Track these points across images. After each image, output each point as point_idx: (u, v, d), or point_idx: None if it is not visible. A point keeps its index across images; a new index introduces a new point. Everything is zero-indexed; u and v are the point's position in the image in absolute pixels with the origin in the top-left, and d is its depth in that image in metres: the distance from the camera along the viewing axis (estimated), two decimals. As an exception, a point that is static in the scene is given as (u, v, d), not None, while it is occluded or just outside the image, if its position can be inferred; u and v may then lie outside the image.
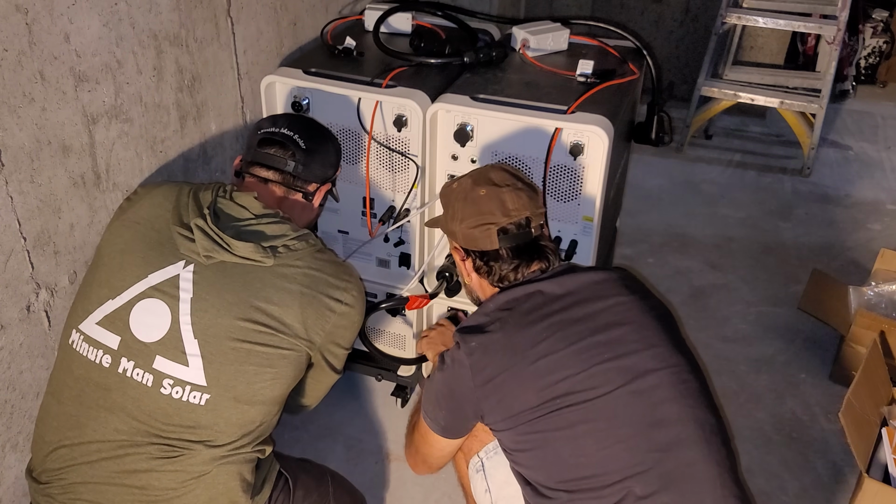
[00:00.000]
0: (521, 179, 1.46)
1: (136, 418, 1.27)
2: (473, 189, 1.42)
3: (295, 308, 1.34)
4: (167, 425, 1.27)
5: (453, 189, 1.47)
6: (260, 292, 1.32)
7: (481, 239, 1.40)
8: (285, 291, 1.34)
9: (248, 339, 1.30)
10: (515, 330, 1.32)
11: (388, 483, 2.03)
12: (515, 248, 1.40)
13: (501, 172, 1.45)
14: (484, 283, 1.46)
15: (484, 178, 1.44)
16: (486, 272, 1.43)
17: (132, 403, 1.27)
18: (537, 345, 1.29)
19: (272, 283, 1.34)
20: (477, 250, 1.42)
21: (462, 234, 1.43)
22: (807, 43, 4.39)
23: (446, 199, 1.49)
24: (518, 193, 1.40)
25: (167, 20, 1.62)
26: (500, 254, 1.40)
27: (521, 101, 1.73)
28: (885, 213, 3.41)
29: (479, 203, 1.40)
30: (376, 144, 1.82)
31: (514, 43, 2.07)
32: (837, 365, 2.39)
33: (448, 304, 2.01)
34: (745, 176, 3.70)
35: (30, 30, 1.29)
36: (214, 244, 1.32)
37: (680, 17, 4.40)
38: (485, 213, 1.39)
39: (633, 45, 2.10)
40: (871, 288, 2.47)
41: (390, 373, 2.17)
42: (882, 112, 4.44)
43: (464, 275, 1.51)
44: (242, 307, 1.30)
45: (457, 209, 1.43)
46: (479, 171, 1.48)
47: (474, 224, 1.40)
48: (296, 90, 1.83)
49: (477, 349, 1.33)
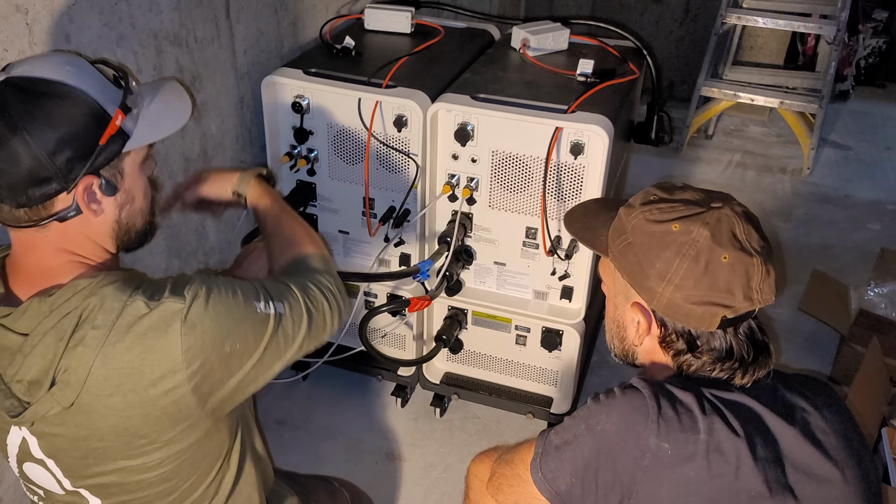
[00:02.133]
0: (768, 240, 1.05)
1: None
2: (712, 249, 0.99)
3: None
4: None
5: (671, 232, 1.01)
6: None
7: (697, 318, 1.01)
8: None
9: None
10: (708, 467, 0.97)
11: (388, 483, 2.03)
12: (738, 346, 1.03)
13: (747, 225, 1.02)
14: (659, 356, 1.08)
15: (727, 231, 1.00)
16: (677, 354, 1.06)
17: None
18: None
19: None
20: (682, 328, 1.04)
21: (669, 301, 1.02)
22: (807, 43, 4.39)
23: (648, 239, 1.03)
24: (769, 268, 1.01)
25: (167, 20, 1.62)
26: (717, 345, 1.03)
27: (522, 101, 1.73)
28: (885, 213, 3.40)
29: (718, 273, 0.99)
30: (376, 144, 1.82)
31: (514, 43, 2.07)
32: (837, 365, 2.39)
33: (448, 304, 2.01)
34: (745, 176, 3.70)
35: (30, 30, 1.29)
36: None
37: (680, 17, 4.40)
38: (720, 291, 0.99)
39: (633, 44, 2.10)
40: (871, 288, 2.47)
41: (390, 373, 2.17)
42: (882, 112, 4.44)
43: (627, 330, 1.11)
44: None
45: (672, 265, 1.00)
46: (714, 214, 1.01)
47: (700, 300, 1.00)
48: (296, 90, 1.83)
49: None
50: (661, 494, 0.97)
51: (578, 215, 1.22)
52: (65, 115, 0.94)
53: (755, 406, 1.01)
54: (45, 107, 0.93)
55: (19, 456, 1.08)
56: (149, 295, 0.98)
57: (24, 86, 0.94)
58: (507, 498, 1.14)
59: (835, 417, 1.05)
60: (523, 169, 1.76)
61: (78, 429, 1.00)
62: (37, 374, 0.97)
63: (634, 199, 1.09)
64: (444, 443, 2.15)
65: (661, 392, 1.00)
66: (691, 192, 1.07)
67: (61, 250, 1.01)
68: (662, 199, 1.06)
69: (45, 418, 0.99)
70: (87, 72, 0.99)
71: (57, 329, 0.95)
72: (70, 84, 0.95)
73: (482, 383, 2.13)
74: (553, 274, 1.88)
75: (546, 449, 1.06)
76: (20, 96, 0.93)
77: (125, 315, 0.96)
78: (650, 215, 1.04)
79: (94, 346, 0.94)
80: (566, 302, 1.91)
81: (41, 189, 0.94)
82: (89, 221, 1.01)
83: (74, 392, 0.96)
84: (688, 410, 0.98)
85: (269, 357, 1.07)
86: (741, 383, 1.03)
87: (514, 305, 1.94)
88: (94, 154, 0.96)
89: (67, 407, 0.96)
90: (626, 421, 0.99)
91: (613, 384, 1.07)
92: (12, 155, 0.92)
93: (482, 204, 1.85)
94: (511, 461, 1.14)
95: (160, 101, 1.08)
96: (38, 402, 0.97)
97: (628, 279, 1.07)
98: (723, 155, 3.90)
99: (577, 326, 1.91)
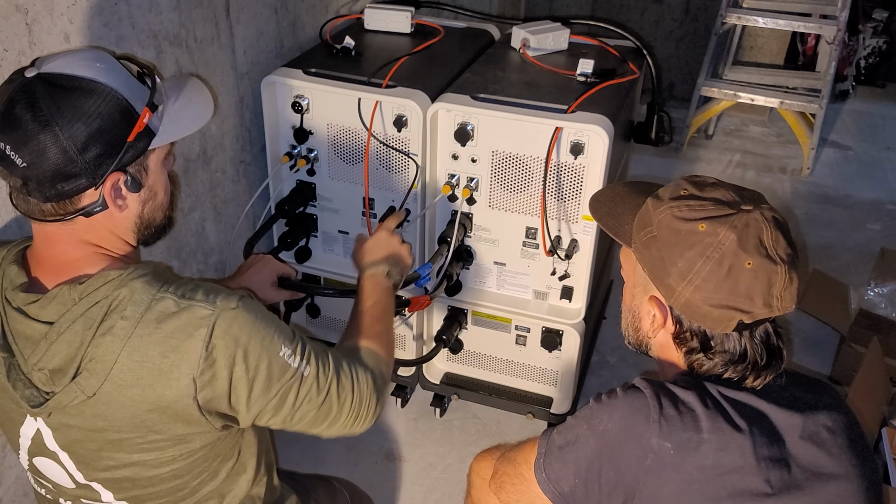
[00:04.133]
0: (795, 247, 1.03)
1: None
2: (737, 254, 0.97)
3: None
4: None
5: (697, 232, 0.99)
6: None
7: (714, 320, 1.00)
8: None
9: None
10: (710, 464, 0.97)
11: (388, 483, 2.03)
12: (752, 350, 1.02)
13: (776, 232, 1.00)
14: (672, 351, 1.08)
15: (754, 237, 0.98)
16: (690, 352, 1.05)
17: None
18: None
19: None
20: (697, 328, 1.03)
21: (687, 300, 1.00)
22: (807, 43, 4.39)
23: (674, 236, 1.01)
24: (792, 277, 0.99)
25: (167, 20, 1.62)
26: (730, 347, 1.02)
27: (522, 101, 1.73)
28: (885, 213, 3.41)
29: (739, 279, 0.97)
30: (376, 144, 1.82)
31: (514, 43, 2.07)
32: (837, 365, 2.39)
33: (448, 304, 2.01)
34: (745, 176, 3.70)
35: (30, 30, 1.29)
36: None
37: (680, 17, 4.41)
38: (740, 296, 0.97)
39: (633, 44, 2.10)
40: (871, 288, 2.47)
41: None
42: (882, 112, 4.44)
43: (642, 321, 1.10)
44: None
45: (695, 266, 0.99)
46: (743, 218, 0.99)
47: (718, 303, 0.99)
48: (296, 90, 1.83)
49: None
50: (665, 494, 0.96)
51: (605, 199, 1.18)
52: (95, 112, 0.95)
53: (761, 405, 1.01)
54: (76, 103, 0.94)
55: (31, 448, 1.08)
56: (179, 294, 0.99)
57: (55, 81, 0.95)
58: (510, 496, 1.13)
59: (840, 417, 1.04)
60: (523, 169, 1.76)
61: (96, 420, 1.01)
62: (61, 362, 0.97)
63: (664, 192, 1.07)
64: (444, 443, 2.15)
65: (663, 391, 1.00)
66: (723, 190, 1.04)
67: (85, 243, 1.03)
68: (693, 196, 1.03)
69: (65, 408, 0.99)
70: (116, 69, 1.01)
71: (86, 317, 0.97)
72: (100, 81, 0.97)
73: (482, 383, 2.13)
74: (553, 274, 1.88)
75: (549, 449, 1.06)
76: (52, 92, 0.94)
77: (153, 309, 0.97)
78: (678, 212, 1.02)
79: (121, 336, 0.96)
80: (566, 302, 1.91)
81: (70, 184, 0.96)
82: (113, 216, 1.02)
83: (99, 381, 0.97)
84: (690, 409, 0.98)
85: (276, 406, 1.06)
86: (751, 385, 1.03)
87: (514, 305, 1.94)
88: (122, 151, 0.98)
89: (90, 396, 0.97)
90: (627, 421, 0.99)
91: (613, 384, 1.08)
92: (42, 149, 0.93)
93: (482, 204, 1.85)
94: (514, 460, 1.13)
95: (184, 99, 1.10)
96: (63, 391, 0.98)
97: (649, 273, 1.05)
98: (723, 155, 3.90)
99: (577, 326, 1.91)
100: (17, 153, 0.93)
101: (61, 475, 1.10)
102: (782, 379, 1.06)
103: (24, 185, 0.96)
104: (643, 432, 0.97)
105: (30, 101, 0.93)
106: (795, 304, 1.01)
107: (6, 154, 0.94)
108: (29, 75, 0.95)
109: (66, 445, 1.06)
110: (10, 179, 0.97)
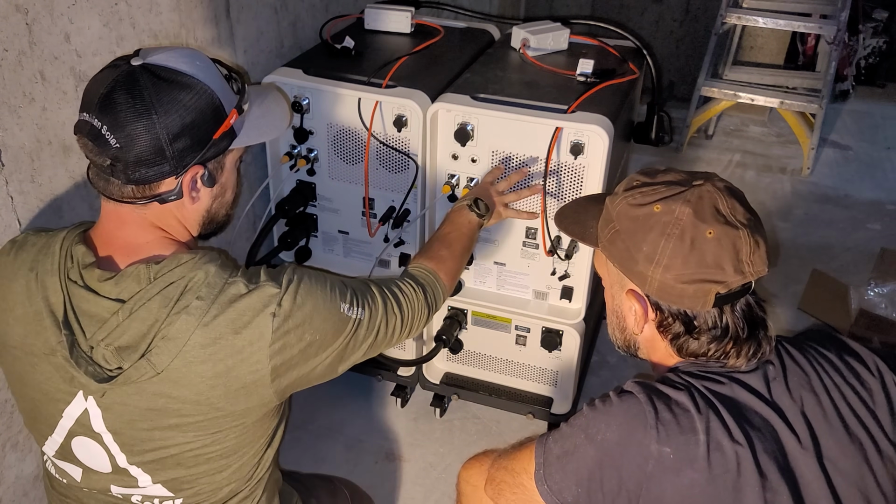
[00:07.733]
0: (754, 212, 1.04)
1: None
2: (696, 225, 0.99)
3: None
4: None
5: (653, 214, 1.02)
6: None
7: (691, 298, 1.01)
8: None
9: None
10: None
11: (388, 483, 2.03)
12: (734, 324, 1.02)
13: (731, 199, 1.02)
14: (659, 343, 1.09)
15: (709, 207, 1.00)
16: (675, 338, 1.06)
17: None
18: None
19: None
20: (677, 310, 1.04)
21: (660, 283, 1.02)
22: (807, 43, 4.39)
23: (633, 224, 1.04)
24: (757, 240, 1.00)
25: (167, 20, 1.62)
26: (712, 323, 1.02)
27: (522, 101, 1.73)
28: (885, 213, 3.41)
29: (704, 249, 0.98)
30: (376, 144, 1.82)
31: (514, 43, 2.07)
32: (837, 365, 2.39)
33: (448, 304, 2.01)
34: (745, 176, 3.70)
35: (30, 30, 1.29)
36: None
37: (680, 17, 4.41)
38: (709, 267, 0.98)
39: (633, 44, 2.10)
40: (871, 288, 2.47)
41: (390, 373, 2.17)
42: (882, 112, 4.44)
43: (626, 319, 1.11)
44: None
45: (658, 247, 1.01)
46: (696, 192, 1.02)
47: (690, 279, 0.99)
48: (296, 90, 1.83)
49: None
50: (666, 497, 0.97)
51: (569, 212, 1.23)
52: (191, 106, 1.02)
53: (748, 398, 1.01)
54: (175, 95, 1.01)
55: (73, 429, 1.10)
56: (247, 278, 1.06)
57: (159, 73, 1.01)
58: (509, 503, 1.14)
59: (851, 365, 1.05)
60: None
61: (156, 398, 1.04)
62: (131, 338, 1.01)
63: (618, 187, 1.10)
64: (444, 443, 2.15)
65: (656, 395, 1.00)
66: (674, 173, 1.08)
67: (154, 227, 1.08)
68: (645, 184, 1.07)
69: (127, 386, 1.02)
70: (213, 70, 1.07)
71: (162, 295, 1.01)
72: (198, 78, 1.03)
73: (482, 383, 2.13)
74: (553, 274, 1.88)
75: (547, 459, 1.05)
76: (155, 82, 1.00)
77: (227, 292, 1.03)
78: (632, 200, 1.05)
79: (197, 315, 1.01)
80: (566, 302, 1.91)
81: (154, 170, 1.02)
82: (185, 207, 1.09)
83: (170, 357, 1.01)
84: (684, 411, 0.98)
85: (338, 355, 1.15)
86: (736, 365, 1.03)
87: (513, 305, 1.94)
88: (206, 146, 1.05)
89: (159, 373, 1.01)
90: (625, 429, 0.98)
91: (614, 384, 1.08)
92: (137, 134, 0.99)
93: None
94: (511, 469, 1.12)
95: (265, 107, 1.18)
96: (133, 367, 1.01)
97: (619, 267, 1.07)
98: (723, 155, 3.90)
99: (577, 326, 1.91)
100: (112, 134, 0.98)
101: (101, 458, 1.11)
102: (774, 351, 1.06)
103: (111, 165, 1.01)
104: (642, 439, 0.97)
105: (133, 88, 0.99)
106: (768, 268, 1.01)
107: (101, 133, 0.99)
108: (135, 63, 1.01)
109: (116, 427, 1.08)
110: (99, 158, 1.01)
